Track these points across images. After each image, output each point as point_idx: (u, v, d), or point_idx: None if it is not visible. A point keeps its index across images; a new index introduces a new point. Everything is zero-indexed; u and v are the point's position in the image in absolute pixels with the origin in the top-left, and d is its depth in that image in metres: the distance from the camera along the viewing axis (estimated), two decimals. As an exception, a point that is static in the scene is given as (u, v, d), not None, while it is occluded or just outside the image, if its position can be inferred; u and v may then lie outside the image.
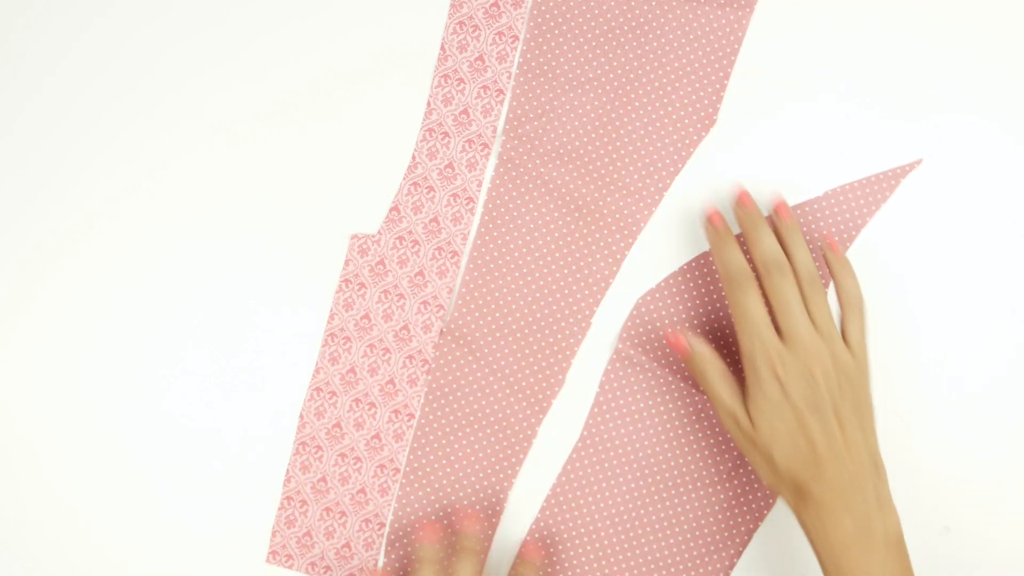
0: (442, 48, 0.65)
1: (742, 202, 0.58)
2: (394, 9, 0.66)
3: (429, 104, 0.66)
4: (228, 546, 0.67)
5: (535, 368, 0.66)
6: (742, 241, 0.62)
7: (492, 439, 0.66)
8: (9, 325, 0.67)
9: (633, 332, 0.65)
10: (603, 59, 0.65)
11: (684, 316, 0.65)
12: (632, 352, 0.65)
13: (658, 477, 0.65)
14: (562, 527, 0.66)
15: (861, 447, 0.55)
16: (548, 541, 0.66)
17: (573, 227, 0.65)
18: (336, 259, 0.66)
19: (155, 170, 0.66)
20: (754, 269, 0.59)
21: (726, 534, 0.65)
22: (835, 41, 0.65)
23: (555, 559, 0.66)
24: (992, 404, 0.65)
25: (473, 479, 0.66)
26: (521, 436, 0.66)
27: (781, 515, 0.65)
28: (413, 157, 0.66)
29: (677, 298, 0.65)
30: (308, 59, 0.66)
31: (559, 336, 0.66)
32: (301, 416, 0.66)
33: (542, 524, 0.66)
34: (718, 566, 0.65)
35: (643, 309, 0.65)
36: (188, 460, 0.67)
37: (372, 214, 0.66)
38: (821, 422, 0.54)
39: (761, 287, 0.57)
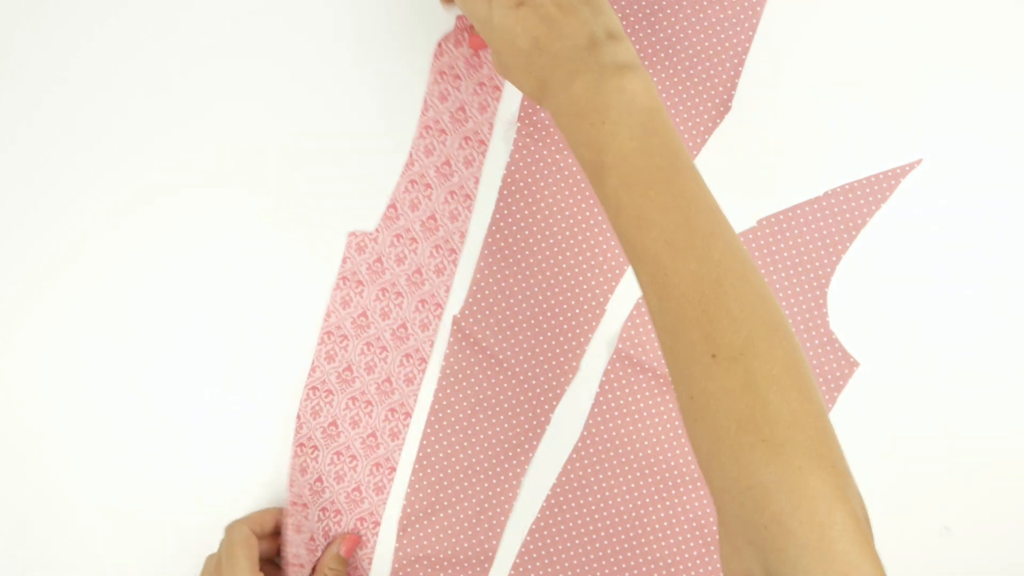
0: (439, 45, 0.65)
1: None
2: (394, 8, 0.65)
3: (425, 101, 0.65)
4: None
5: (549, 355, 0.65)
6: None
7: (505, 424, 0.65)
8: (12, 327, 0.66)
9: (633, 332, 0.65)
10: None
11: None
12: (632, 352, 0.65)
13: (658, 477, 0.65)
14: (562, 527, 0.66)
15: (581, 25, 0.50)
16: (548, 541, 0.66)
17: (588, 214, 0.65)
18: (334, 256, 0.66)
19: (155, 172, 0.66)
20: None
21: (725, 533, 0.65)
22: (837, 42, 0.65)
23: (555, 559, 0.66)
24: (991, 403, 0.65)
25: (486, 464, 0.66)
26: (535, 423, 0.66)
27: (779, 514, 0.65)
28: (410, 154, 0.65)
29: (676, 297, 0.65)
30: (307, 57, 0.65)
31: (573, 323, 0.65)
32: (298, 416, 0.66)
33: (542, 524, 0.66)
34: (718, 566, 0.65)
35: (643, 309, 0.65)
36: (188, 460, 0.66)
37: (370, 211, 0.66)
38: (538, 15, 0.51)
39: None
